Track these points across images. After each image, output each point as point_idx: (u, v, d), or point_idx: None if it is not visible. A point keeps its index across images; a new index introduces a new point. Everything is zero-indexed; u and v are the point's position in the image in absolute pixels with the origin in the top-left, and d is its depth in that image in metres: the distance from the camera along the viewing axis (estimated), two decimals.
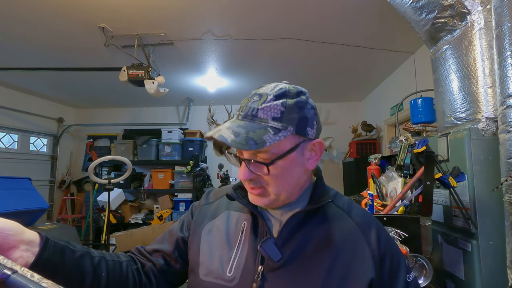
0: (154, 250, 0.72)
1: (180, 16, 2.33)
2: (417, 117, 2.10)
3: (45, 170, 4.72)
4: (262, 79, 3.81)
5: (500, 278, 1.16)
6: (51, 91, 4.27)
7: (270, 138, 0.54)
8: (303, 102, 0.59)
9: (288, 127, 0.56)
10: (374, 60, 3.17)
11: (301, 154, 0.60)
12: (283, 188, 0.60)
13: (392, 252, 0.62)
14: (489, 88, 1.29)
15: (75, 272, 0.55)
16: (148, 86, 2.63)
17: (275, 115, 0.56)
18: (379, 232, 0.63)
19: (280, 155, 0.57)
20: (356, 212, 0.66)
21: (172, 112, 5.14)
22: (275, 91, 0.58)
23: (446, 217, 1.40)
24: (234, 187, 0.70)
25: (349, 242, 0.60)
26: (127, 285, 0.63)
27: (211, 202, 0.75)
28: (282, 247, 0.60)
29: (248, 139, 0.53)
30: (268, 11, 2.25)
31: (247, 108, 0.59)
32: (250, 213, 0.67)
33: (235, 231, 0.66)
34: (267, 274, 0.58)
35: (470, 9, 1.34)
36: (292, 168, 0.59)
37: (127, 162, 2.65)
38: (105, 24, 2.42)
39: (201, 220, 0.72)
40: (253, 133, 0.54)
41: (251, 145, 0.53)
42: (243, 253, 0.62)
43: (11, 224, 0.48)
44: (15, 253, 0.47)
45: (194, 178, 4.28)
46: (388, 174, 1.59)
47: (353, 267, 0.58)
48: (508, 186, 1.04)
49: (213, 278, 0.62)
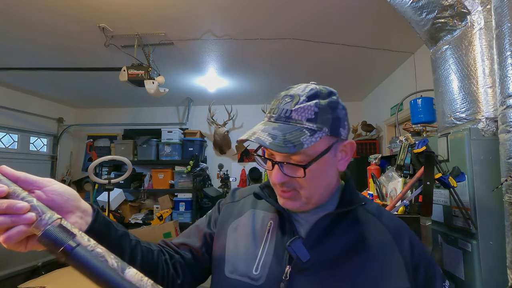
0: (181, 243, 0.71)
1: (180, 16, 2.33)
2: (417, 117, 2.10)
3: (45, 170, 4.72)
4: (262, 79, 3.81)
5: (500, 278, 1.16)
6: (51, 91, 4.27)
7: (307, 140, 0.53)
8: (335, 102, 0.59)
9: (323, 128, 0.56)
10: (374, 60, 3.16)
11: (334, 155, 0.60)
12: (316, 191, 0.59)
13: (426, 260, 0.60)
14: (489, 88, 1.29)
15: (116, 249, 0.55)
16: (148, 86, 2.63)
17: (309, 116, 0.55)
18: (412, 239, 0.62)
19: (315, 157, 0.56)
20: (387, 218, 0.65)
21: (172, 112, 5.14)
22: (307, 92, 0.57)
23: (446, 217, 1.40)
24: (261, 186, 0.70)
25: (380, 247, 0.59)
26: (157, 273, 0.63)
27: (236, 200, 0.75)
28: (311, 248, 0.59)
29: (286, 141, 0.53)
30: (268, 11, 2.25)
31: (280, 110, 0.57)
32: (277, 213, 0.66)
33: (261, 229, 0.65)
34: (295, 275, 0.57)
35: (470, 9, 1.34)
36: (326, 170, 0.59)
37: (127, 162, 2.65)
38: (105, 24, 2.42)
39: (227, 218, 0.71)
40: (290, 135, 0.54)
41: (289, 148, 0.52)
42: (270, 252, 0.61)
43: (71, 190, 0.50)
44: (71, 218, 0.48)
45: (194, 178, 4.28)
46: (388, 174, 1.59)
47: (385, 273, 0.57)
48: (508, 186, 1.04)
49: (238, 275, 0.61)
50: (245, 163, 4.66)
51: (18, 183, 0.44)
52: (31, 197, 0.42)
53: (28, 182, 0.45)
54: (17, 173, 0.45)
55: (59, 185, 0.48)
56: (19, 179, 0.44)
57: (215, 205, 0.77)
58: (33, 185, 0.45)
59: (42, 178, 0.47)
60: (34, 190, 0.45)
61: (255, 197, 0.68)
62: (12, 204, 0.40)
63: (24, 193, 0.42)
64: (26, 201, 0.41)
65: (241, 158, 4.74)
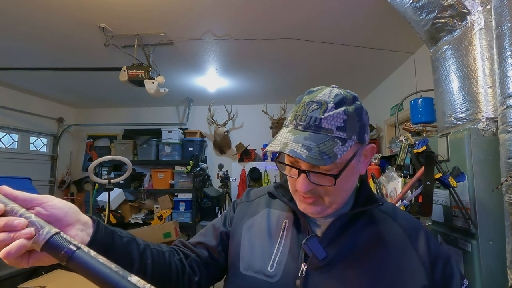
0: (197, 242, 0.72)
1: (180, 16, 2.33)
2: (417, 117, 2.10)
3: (45, 170, 4.72)
4: (262, 79, 3.81)
5: (500, 278, 1.16)
6: (51, 91, 4.27)
7: (340, 150, 0.53)
8: (360, 108, 0.58)
9: (352, 136, 0.55)
10: (374, 60, 3.16)
11: (359, 161, 0.60)
12: (340, 196, 0.59)
13: (443, 258, 0.60)
14: (489, 88, 1.29)
15: (123, 257, 0.56)
16: (148, 86, 2.63)
17: (339, 124, 0.54)
18: (428, 237, 0.62)
19: (344, 165, 0.56)
20: (402, 217, 0.65)
21: (172, 112, 5.14)
22: (333, 98, 0.56)
23: (446, 217, 1.40)
24: (276, 185, 0.70)
25: (396, 247, 0.59)
26: (170, 274, 0.63)
27: (251, 200, 0.76)
28: (327, 246, 0.59)
29: (321, 153, 0.52)
30: (268, 11, 2.25)
31: (308, 118, 0.56)
32: (292, 212, 0.66)
33: (276, 227, 0.66)
34: (311, 272, 0.58)
35: (470, 9, 1.34)
36: (351, 175, 0.59)
37: (127, 162, 2.65)
38: (105, 24, 2.42)
39: (242, 216, 0.72)
40: (323, 145, 0.53)
41: (325, 160, 0.51)
42: (285, 249, 0.62)
43: (70, 204, 0.51)
44: (72, 231, 0.49)
45: (194, 178, 4.28)
46: (388, 174, 1.59)
47: (402, 272, 0.57)
48: (508, 186, 1.04)
49: (253, 272, 0.62)
50: (245, 163, 4.65)
51: (17, 201, 0.45)
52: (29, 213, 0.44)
53: (27, 201, 0.46)
54: (16, 192, 0.46)
55: (58, 200, 0.49)
56: (18, 198, 0.46)
57: (230, 204, 0.78)
58: (32, 202, 0.47)
59: (41, 195, 0.49)
60: (34, 207, 0.46)
61: (269, 196, 0.68)
62: (10, 220, 0.42)
63: (22, 210, 0.44)
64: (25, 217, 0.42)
65: (241, 158, 4.74)
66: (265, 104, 4.75)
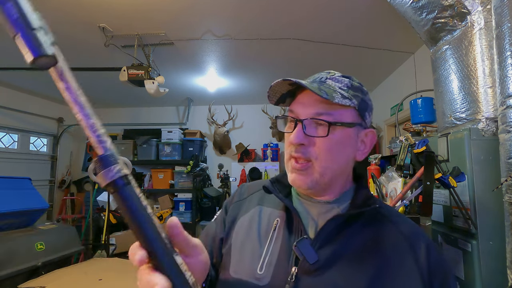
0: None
1: (180, 16, 2.33)
2: (417, 117, 2.10)
3: (45, 170, 4.72)
4: (262, 79, 3.81)
5: (500, 278, 1.16)
6: (51, 91, 4.26)
7: (338, 98, 0.56)
8: (365, 91, 0.62)
9: (353, 100, 0.58)
10: (374, 60, 3.16)
11: (356, 136, 0.60)
12: (331, 165, 0.57)
13: (442, 272, 0.56)
14: (489, 88, 1.29)
15: None
16: (148, 86, 2.63)
17: (342, 86, 0.58)
18: (429, 248, 0.57)
19: (340, 122, 0.57)
20: (404, 224, 0.61)
21: (172, 112, 5.14)
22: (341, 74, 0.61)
23: (446, 217, 1.40)
24: (273, 179, 0.67)
25: (394, 254, 0.56)
26: None
27: (243, 198, 0.72)
28: (320, 249, 0.56)
29: (320, 90, 0.55)
30: (268, 11, 2.25)
31: (315, 77, 0.61)
32: (285, 210, 0.63)
33: (267, 227, 0.63)
34: (301, 276, 0.55)
35: (470, 9, 1.34)
36: (345, 145, 0.59)
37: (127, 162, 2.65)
38: (105, 24, 2.42)
39: (234, 216, 0.69)
40: (324, 87, 0.57)
41: (322, 93, 0.54)
42: (275, 250, 0.59)
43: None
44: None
45: (194, 178, 4.28)
46: (388, 174, 1.59)
47: (397, 281, 0.53)
48: (508, 186, 1.04)
49: (242, 275, 0.59)
50: (245, 163, 4.65)
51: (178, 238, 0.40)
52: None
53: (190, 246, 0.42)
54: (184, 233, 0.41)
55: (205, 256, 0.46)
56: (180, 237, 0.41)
57: (223, 206, 0.74)
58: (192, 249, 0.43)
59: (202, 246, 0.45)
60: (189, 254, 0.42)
61: (264, 190, 0.65)
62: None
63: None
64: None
65: (241, 158, 4.74)
66: (265, 104, 4.75)
